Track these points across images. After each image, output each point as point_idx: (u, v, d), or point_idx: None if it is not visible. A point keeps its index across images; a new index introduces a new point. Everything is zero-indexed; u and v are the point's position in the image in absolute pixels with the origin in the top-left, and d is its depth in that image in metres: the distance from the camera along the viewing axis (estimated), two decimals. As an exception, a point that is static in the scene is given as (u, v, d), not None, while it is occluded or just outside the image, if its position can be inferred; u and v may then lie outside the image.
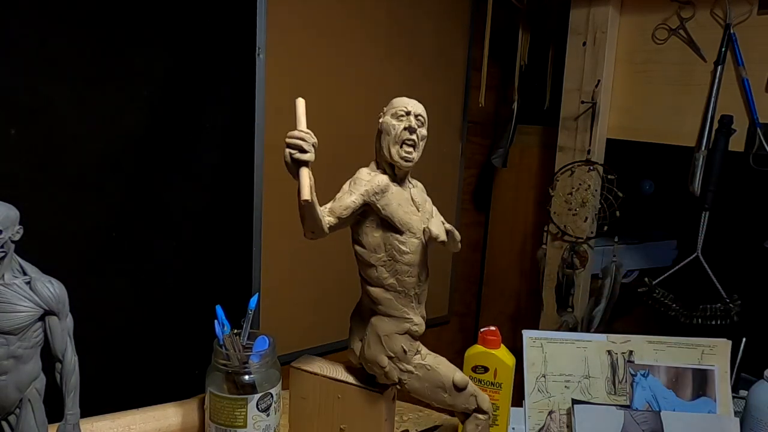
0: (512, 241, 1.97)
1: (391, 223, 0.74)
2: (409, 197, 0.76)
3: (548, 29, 1.74)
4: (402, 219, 0.74)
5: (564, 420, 0.97)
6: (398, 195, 0.75)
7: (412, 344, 0.78)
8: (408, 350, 0.77)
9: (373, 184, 0.74)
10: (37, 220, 1.10)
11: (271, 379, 0.82)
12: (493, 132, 2.02)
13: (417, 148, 0.74)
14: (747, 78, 1.24)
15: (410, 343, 0.77)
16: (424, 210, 0.77)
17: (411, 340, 0.78)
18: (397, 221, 0.74)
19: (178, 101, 1.25)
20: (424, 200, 0.78)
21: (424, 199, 0.78)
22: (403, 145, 0.73)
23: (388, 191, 0.74)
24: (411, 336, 0.78)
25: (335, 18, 1.50)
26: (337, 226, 0.73)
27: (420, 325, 0.78)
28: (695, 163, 1.30)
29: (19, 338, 0.63)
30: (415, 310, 0.78)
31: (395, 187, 0.75)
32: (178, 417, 0.89)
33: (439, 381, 0.79)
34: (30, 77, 1.07)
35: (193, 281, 1.33)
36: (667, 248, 1.79)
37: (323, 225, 0.70)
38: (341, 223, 0.73)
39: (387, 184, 0.75)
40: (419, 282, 0.77)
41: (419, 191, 0.79)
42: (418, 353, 0.79)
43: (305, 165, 0.65)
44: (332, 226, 0.72)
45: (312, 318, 1.58)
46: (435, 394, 0.79)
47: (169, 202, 1.28)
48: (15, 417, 0.66)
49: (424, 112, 0.74)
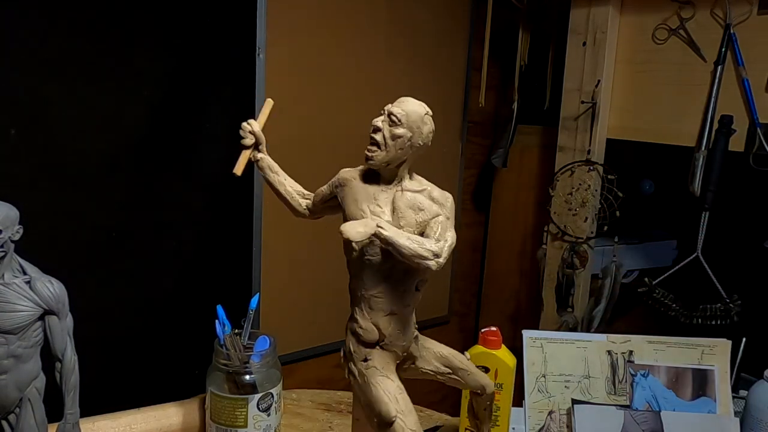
0: (512, 241, 1.97)
1: (345, 217, 0.73)
2: (372, 195, 0.71)
3: (548, 29, 1.74)
4: (351, 214, 0.71)
5: (564, 420, 0.97)
6: (359, 191, 0.72)
7: (359, 348, 0.73)
8: (354, 352, 0.73)
9: (338, 177, 0.75)
10: (37, 220, 1.10)
11: (272, 379, 0.82)
12: (493, 132, 2.02)
13: (383, 147, 0.69)
14: (747, 78, 1.24)
15: (357, 346, 0.73)
16: (404, 217, 0.70)
17: (357, 344, 0.73)
18: (347, 216, 0.72)
19: (178, 101, 1.25)
20: (417, 208, 0.70)
21: (417, 208, 0.70)
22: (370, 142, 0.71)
23: (347, 185, 0.73)
24: (357, 339, 0.73)
25: (335, 18, 1.50)
26: (316, 210, 0.80)
27: (367, 331, 0.71)
28: (695, 163, 1.30)
29: (19, 338, 0.63)
30: (364, 314, 0.72)
31: (358, 183, 0.73)
32: (179, 417, 0.89)
33: (370, 400, 0.71)
34: (30, 77, 1.07)
35: (193, 281, 1.33)
36: (667, 248, 1.79)
37: (295, 205, 0.81)
38: (316, 208, 0.80)
39: (347, 178, 0.74)
40: (365, 286, 0.71)
41: (415, 198, 0.71)
42: (366, 360, 0.73)
43: (246, 148, 0.80)
44: (310, 209, 0.81)
45: (312, 318, 1.58)
46: (366, 411, 0.72)
47: (169, 202, 1.28)
48: (15, 416, 0.66)
49: (403, 112, 0.69)
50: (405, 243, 0.63)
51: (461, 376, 0.80)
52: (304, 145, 1.48)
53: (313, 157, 1.45)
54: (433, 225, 0.69)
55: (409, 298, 0.72)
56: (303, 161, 1.33)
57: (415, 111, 0.70)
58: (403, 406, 0.68)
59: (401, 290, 0.71)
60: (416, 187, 0.72)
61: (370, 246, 0.69)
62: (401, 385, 0.71)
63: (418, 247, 0.64)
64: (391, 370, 0.73)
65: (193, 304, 1.32)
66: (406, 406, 0.69)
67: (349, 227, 0.62)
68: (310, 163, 1.32)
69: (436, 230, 0.68)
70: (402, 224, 0.69)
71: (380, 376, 0.71)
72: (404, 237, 0.64)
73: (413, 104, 0.71)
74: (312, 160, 1.44)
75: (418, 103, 0.71)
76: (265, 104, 0.81)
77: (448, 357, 0.79)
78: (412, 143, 0.70)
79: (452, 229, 0.69)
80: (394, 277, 0.71)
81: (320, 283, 1.57)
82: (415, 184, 0.73)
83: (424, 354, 0.78)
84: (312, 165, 1.27)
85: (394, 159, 0.70)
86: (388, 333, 0.72)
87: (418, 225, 0.69)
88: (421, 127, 0.70)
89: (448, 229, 0.68)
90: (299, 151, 1.47)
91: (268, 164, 0.82)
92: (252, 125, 0.80)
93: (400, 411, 0.68)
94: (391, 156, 0.70)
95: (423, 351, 0.78)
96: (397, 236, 0.63)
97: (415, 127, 0.70)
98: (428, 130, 0.71)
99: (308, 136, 1.49)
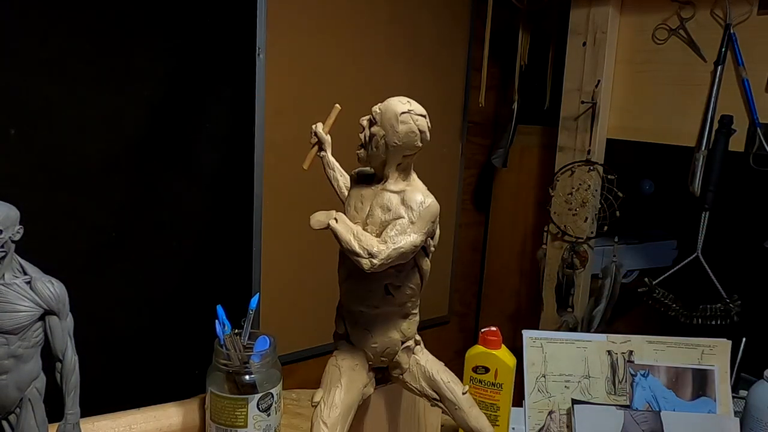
0: (512, 241, 1.97)
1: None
2: (360, 194, 0.72)
3: (548, 29, 1.74)
4: (344, 211, 0.73)
5: (564, 420, 0.97)
6: (354, 189, 0.74)
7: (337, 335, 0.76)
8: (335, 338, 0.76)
9: (350, 176, 0.79)
10: (37, 220, 1.10)
11: (272, 379, 0.82)
12: (493, 132, 2.02)
13: (367, 146, 0.70)
14: (747, 78, 1.24)
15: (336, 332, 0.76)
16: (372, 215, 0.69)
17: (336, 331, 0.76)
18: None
19: (178, 101, 1.25)
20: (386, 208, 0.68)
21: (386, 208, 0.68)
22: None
23: (352, 183, 0.76)
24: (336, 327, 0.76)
25: (335, 18, 1.50)
26: None
27: (337, 322, 0.74)
28: (695, 163, 1.30)
29: (20, 338, 0.63)
30: (340, 305, 0.74)
31: (356, 182, 0.75)
32: (179, 417, 0.89)
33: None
34: (30, 77, 1.07)
35: (193, 281, 1.34)
36: (667, 248, 1.79)
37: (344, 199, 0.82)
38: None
39: (353, 176, 0.77)
40: (339, 277, 0.73)
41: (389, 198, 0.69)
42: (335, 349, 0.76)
43: (313, 146, 0.89)
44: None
45: (312, 318, 1.58)
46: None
47: (170, 202, 1.28)
48: (15, 417, 0.66)
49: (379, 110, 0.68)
50: (346, 237, 0.64)
51: (448, 407, 0.75)
52: (303, 145, 1.47)
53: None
54: (390, 226, 0.67)
55: (377, 300, 0.71)
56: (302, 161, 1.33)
57: (390, 109, 0.68)
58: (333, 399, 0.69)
59: (364, 290, 0.70)
60: (396, 188, 0.70)
61: None
62: (350, 385, 0.70)
63: (356, 243, 0.64)
64: (349, 366, 0.72)
65: (194, 304, 1.32)
66: (335, 400, 0.69)
67: (314, 215, 0.66)
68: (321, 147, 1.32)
69: (389, 232, 0.66)
70: (368, 222, 0.69)
71: (332, 365, 0.72)
72: (350, 232, 0.65)
73: (392, 103, 0.68)
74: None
75: (401, 102, 0.68)
76: (333, 109, 0.89)
77: (438, 382, 0.74)
78: (386, 142, 0.67)
79: (414, 235, 0.66)
80: (356, 275, 0.69)
81: (320, 283, 1.57)
82: (398, 185, 0.70)
83: (414, 369, 0.75)
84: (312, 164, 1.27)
85: (374, 158, 0.70)
86: (351, 331, 0.73)
87: (381, 225, 0.68)
88: (395, 126, 0.67)
89: (406, 234, 0.66)
90: (299, 151, 1.46)
91: (328, 161, 0.89)
92: (317, 128, 0.88)
93: (324, 400, 0.69)
94: (371, 154, 0.69)
95: (414, 366, 0.75)
96: (343, 230, 0.65)
97: (388, 126, 0.67)
98: (406, 129, 0.67)
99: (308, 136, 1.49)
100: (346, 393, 0.70)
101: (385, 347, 0.73)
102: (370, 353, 0.73)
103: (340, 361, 0.72)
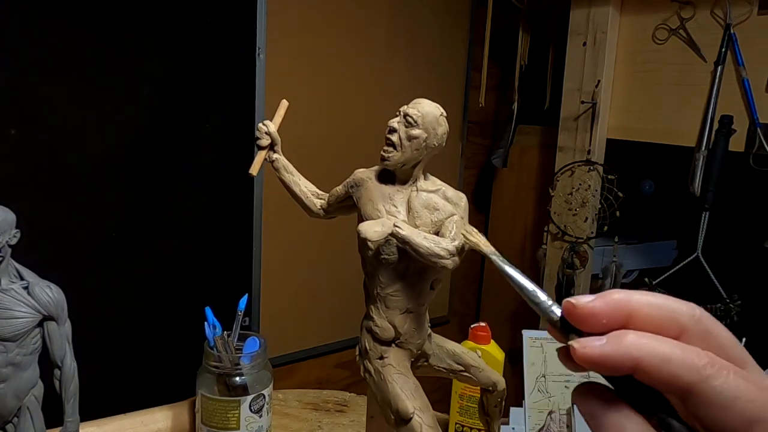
0: (512, 241, 1.97)
1: (361, 216, 0.74)
2: (388, 196, 0.72)
3: (548, 29, 1.74)
4: (367, 214, 0.72)
5: (564, 420, 0.97)
6: (375, 191, 0.73)
7: (375, 346, 0.74)
8: (370, 350, 0.74)
9: (353, 177, 0.76)
10: (37, 220, 1.10)
11: (263, 380, 0.81)
12: (493, 132, 2.02)
13: (399, 148, 0.71)
14: (747, 78, 1.24)
15: (373, 344, 0.74)
16: (419, 216, 0.71)
17: (373, 342, 0.74)
18: (363, 216, 0.73)
19: (178, 101, 1.25)
20: (432, 208, 0.71)
21: (433, 208, 0.71)
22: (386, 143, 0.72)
23: (362, 185, 0.74)
24: (373, 337, 0.74)
25: (335, 18, 1.50)
26: (330, 210, 0.80)
27: (383, 329, 0.73)
28: (695, 163, 1.30)
29: (18, 345, 0.61)
30: (380, 312, 0.73)
31: (374, 184, 0.74)
32: (168, 421, 0.88)
33: (387, 398, 0.72)
34: (30, 77, 1.07)
35: (193, 281, 1.33)
36: (667, 248, 1.79)
37: (310, 205, 0.80)
38: (331, 207, 0.79)
39: (362, 179, 0.75)
40: (380, 284, 0.72)
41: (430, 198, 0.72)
42: (382, 358, 0.74)
43: (261, 148, 0.80)
44: (325, 209, 0.80)
45: (312, 318, 1.58)
46: (383, 409, 0.73)
47: (169, 202, 1.28)
48: (13, 426, 0.64)
49: (419, 113, 0.71)
50: (422, 242, 0.65)
51: (473, 373, 0.80)
52: (303, 145, 1.48)
53: (312, 157, 1.45)
54: (447, 224, 0.70)
55: (424, 296, 0.74)
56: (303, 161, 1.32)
57: (431, 112, 0.71)
58: (420, 404, 0.69)
59: (417, 289, 0.72)
60: (431, 187, 0.73)
61: (387, 245, 0.70)
62: (417, 383, 0.72)
63: (435, 246, 0.65)
64: (406, 367, 0.74)
65: (193, 305, 1.32)
66: (423, 403, 0.70)
67: (367, 227, 0.63)
68: (309, 163, 1.32)
69: (451, 229, 0.69)
70: (418, 224, 0.70)
71: (396, 373, 0.72)
72: (421, 236, 0.65)
73: (429, 105, 0.72)
74: (312, 160, 1.43)
75: (434, 104, 0.72)
76: (280, 105, 0.82)
77: (460, 354, 0.80)
78: (427, 144, 0.71)
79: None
80: (410, 276, 0.72)
81: (320, 283, 1.57)
82: (429, 184, 0.74)
83: (437, 352, 0.79)
84: (312, 165, 1.27)
85: (410, 160, 0.71)
86: (404, 331, 0.73)
87: (433, 224, 0.71)
88: (437, 128, 0.71)
89: (463, 228, 0.69)
90: (299, 151, 1.46)
91: (283, 164, 0.83)
92: (268, 126, 0.80)
93: (418, 408, 0.69)
94: (407, 157, 0.71)
95: (436, 349, 0.79)
96: (413, 235, 0.65)
97: (430, 128, 0.71)
98: (443, 131, 0.72)
99: (308, 137, 1.49)
100: (422, 391, 0.72)
101: (425, 339, 0.76)
102: (415, 349, 0.75)
103: (399, 367, 0.74)
